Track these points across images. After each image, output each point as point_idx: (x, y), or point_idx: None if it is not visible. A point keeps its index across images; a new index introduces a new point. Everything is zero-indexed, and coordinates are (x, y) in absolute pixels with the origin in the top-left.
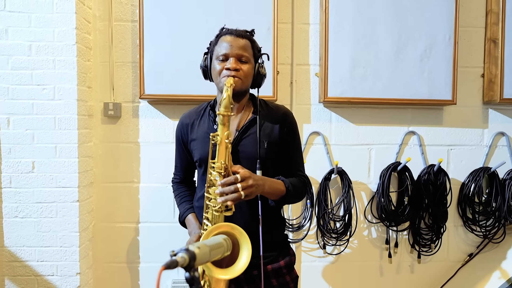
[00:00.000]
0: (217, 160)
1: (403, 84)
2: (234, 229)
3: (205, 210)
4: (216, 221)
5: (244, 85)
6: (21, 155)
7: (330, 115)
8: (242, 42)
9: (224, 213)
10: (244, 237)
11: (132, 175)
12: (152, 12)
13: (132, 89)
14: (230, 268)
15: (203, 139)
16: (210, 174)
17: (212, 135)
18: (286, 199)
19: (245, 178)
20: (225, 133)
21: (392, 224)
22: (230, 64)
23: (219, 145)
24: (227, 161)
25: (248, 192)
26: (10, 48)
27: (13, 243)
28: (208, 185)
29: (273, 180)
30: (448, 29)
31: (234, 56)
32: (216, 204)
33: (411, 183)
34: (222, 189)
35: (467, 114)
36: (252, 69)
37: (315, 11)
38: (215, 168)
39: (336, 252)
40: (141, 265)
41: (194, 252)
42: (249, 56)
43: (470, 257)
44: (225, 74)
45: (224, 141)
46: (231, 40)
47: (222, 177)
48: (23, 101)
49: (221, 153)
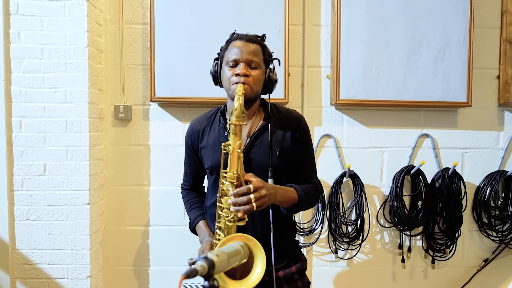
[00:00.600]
0: (229, 170)
1: (416, 86)
2: (249, 240)
3: (217, 220)
4: (229, 230)
5: (254, 91)
6: (32, 157)
7: (342, 118)
8: (252, 47)
9: (237, 223)
10: (259, 248)
11: (142, 177)
12: (163, 15)
13: (142, 91)
14: (244, 280)
15: (214, 146)
16: (222, 184)
17: (223, 145)
18: (299, 207)
19: (258, 188)
20: (237, 142)
21: (405, 228)
22: (239, 70)
23: (231, 154)
24: (239, 170)
25: (261, 202)
26: (23, 52)
27: (25, 245)
28: (220, 195)
29: (285, 188)
30: (462, 30)
31: (244, 62)
32: (228, 214)
33: (424, 187)
34: (234, 199)
35: (482, 116)
36: (263, 75)
37: (326, 12)
38: (227, 178)
39: (348, 256)
40: (151, 268)
41: (213, 260)
42: (259, 61)
43: (485, 263)
44: (234, 81)
45: (236, 150)
46: (241, 45)
47: (234, 187)
48: (35, 104)
49: (233, 162)
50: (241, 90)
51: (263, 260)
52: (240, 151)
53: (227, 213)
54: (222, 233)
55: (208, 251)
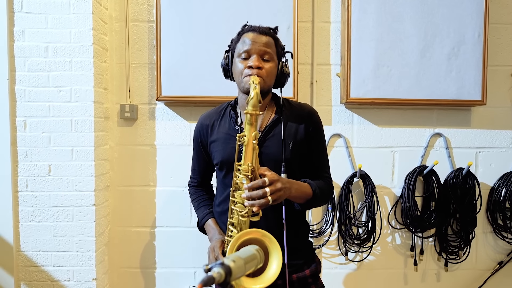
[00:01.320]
0: (243, 162)
1: (429, 84)
2: (265, 236)
3: (230, 215)
4: (242, 226)
5: (267, 84)
6: (37, 158)
7: (352, 117)
8: (265, 39)
9: (251, 218)
10: (274, 244)
11: (148, 178)
12: (169, 12)
13: (148, 90)
14: (260, 277)
15: (224, 140)
16: (236, 177)
17: (239, 136)
18: (313, 203)
19: (273, 181)
20: (252, 133)
21: (417, 230)
22: (252, 62)
23: (245, 146)
24: (254, 163)
25: (276, 196)
26: (27, 50)
27: (30, 247)
28: (234, 189)
29: (299, 183)
30: (477, 26)
31: (257, 54)
32: (242, 209)
33: (437, 187)
34: (249, 193)
35: (497, 115)
36: (275, 68)
37: (336, 9)
38: (242, 170)
39: (358, 259)
40: (157, 270)
41: (230, 266)
42: (272, 53)
43: (500, 265)
44: (247, 73)
45: (252, 142)
46: (253, 37)
47: (248, 180)
48: (40, 104)
49: (248, 154)
50: (257, 79)
51: (279, 257)
52: (256, 143)
53: (241, 208)
54: (235, 229)
55: (218, 250)
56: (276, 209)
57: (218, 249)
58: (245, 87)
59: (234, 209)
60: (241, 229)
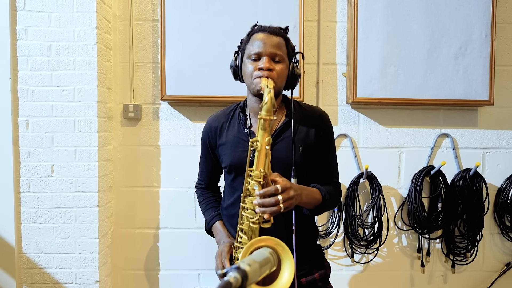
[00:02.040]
0: (255, 168)
1: (436, 84)
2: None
3: (240, 221)
4: (252, 233)
5: (277, 86)
6: (40, 158)
7: (358, 117)
8: (276, 40)
9: (262, 225)
10: (287, 254)
11: (152, 179)
12: (174, 11)
13: (152, 90)
14: (271, 286)
15: (233, 143)
16: (247, 183)
17: (251, 141)
18: (322, 208)
19: (285, 189)
20: (265, 139)
21: (424, 231)
22: (263, 64)
23: (258, 151)
24: (266, 169)
25: (288, 204)
26: (30, 49)
27: (32, 249)
28: (245, 195)
29: (310, 189)
30: (484, 25)
31: (267, 55)
32: (253, 216)
33: (444, 188)
34: (261, 200)
35: (504, 115)
36: (286, 69)
37: (342, 8)
38: (253, 176)
39: (365, 260)
40: (161, 272)
41: (246, 270)
42: (283, 55)
43: (507, 267)
44: (257, 75)
45: (265, 147)
46: (264, 37)
47: (260, 186)
48: (43, 103)
49: (260, 160)
50: (272, 83)
51: (292, 267)
52: (269, 148)
53: (252, 214)
54: (245, 236)
55: (226, 254)
56: (286, 215)
57: (226, 253)
58: (256, 88)
59: (244, 215)
60: (252, 235)
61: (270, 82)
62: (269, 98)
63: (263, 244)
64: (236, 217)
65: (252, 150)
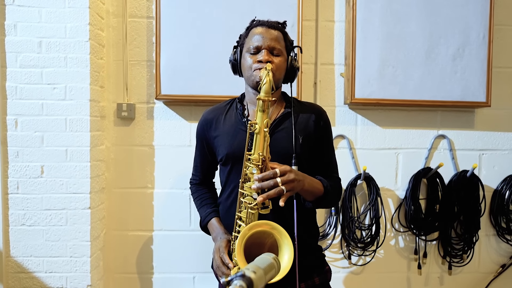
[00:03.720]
0: (254, 152)
1: (434, 85)
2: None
3: (238, 209)
4: (251, 220)
5: (276, 78)
6: (29, 158)
7: (356, 118)
8: (274, 34)
9: (260, 211)
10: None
11: (146, 180)
12: (169, 8)
13: (147, 89)
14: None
15: (230, 133)
16: (246, 167)
17: (250, 123)
18: (323, 200)
19: (285, 172)
20: (264, 121)
21: (421, 233)
22: (262, 57)
23: (257, 134)
24: (265, 152)
25: (290, 187)
26: (19, 45)
27: (20, 253)
28: (243, 180)
29: (312, 178)
30: (482, 27)
31: (266, 48)
32: (251, 201)
33: (441, 190)
34: (260, 184)
35: (500, 117)
36: (285, 62)
37: (340, 7)
38: (252, 160)
39: (362, 262)
40: (155, 276)
41: (251, 278)
42: (281, 48)
43: (503, 268)
44: (256, 67)
45: (263, 130)
46: (262, 31)
47: (259, 170)
48: (32, 101)
49: (259, 143)
50: (270, 65)
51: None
52: (267, 131)
53: (250, 200)
54: (243, 224)
55: (223, 249)
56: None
57: (223, 249)
58: (255, 80)
59: (243, 202)
60: (250, 223)
61: (268, 65)
62: (267, 79)
63: (259, 229)
64: (234, 208)
65: (251, 133)
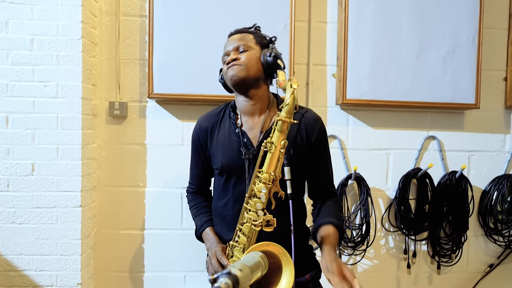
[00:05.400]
0: (265, 170)
1: (425, 87)
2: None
3: (241, 221)
4: (252, 235)
5: (248, 71)
6: (20, 156)
7: (347, 118)
8: (238, 36)
9: (264, 229)
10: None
11: (137, 178)
12: (162, 7)
13: (139, 87)
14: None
15: (225, 144)
16: (254, 184)
17: (265, 142)
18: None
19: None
20: (281, 141)
21: (411, 233)
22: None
23: (271, 153)
24: (277, 173)
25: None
26: (11, 42)
27: (10, 251)
28: (249, 195)
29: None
30: (472, 30)
31: (233, 50)
32: (256, 218)
33: (431, 190)
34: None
35: (489, 118)
36: (256, 55)
37: (333, 9)
38: (262, 178)
39: (352, 262)
40: (146, 274)
41: (237, 276)
42: (247, 44)
43: (491, 268)
44: (225, 68)
45: (279, 150)
46: (230, 39)
47: (268, 190)
48: (24, 99)
49: (272, 162)
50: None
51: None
52: (283, 152)
53: (254, 216)
54: (244, 236)
55: (221, 253)
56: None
57: (220, 252)
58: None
59: (246, 216)
60: (251, 237)
61: (295, 82)
62: (291, 99)
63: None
64: (228, 218)
65: (265, 151)
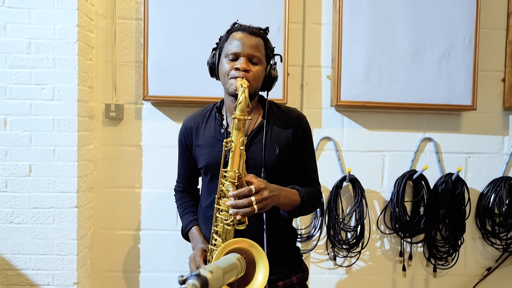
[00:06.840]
0: (229, 169)
1: (420, 88)
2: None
3: (215, 223)
4: (227, 235)
5: (253, 88)
6: (17, 157)
7: (342, 120)
8: (254, 41)
9: (236, 227)
10: (262, 255)
11: (133, 180)
12: (157, 10)
13: (135, 90)
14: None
15: (210, 144)
16: (222, 184)
17: (225, 141)
18: (301, 211)
19: (260, 189)
20: (240, 139)
21: (406, 235)
22: (239, 64)
23: (232, 152)
24: (241, 170)
25: (263, 205)
26: (8, 46)
27: (8, 250)
28: (219, 196)
29: (288, 190)
30: (468, 31)
31: (245, 56)
32: (227, 217)
33: (427, 192)
34: (234, 201)
35: (487, 120)
36: (263, 71)
37: (327, 10)
38: (228, 177)
39: (347, 264)
40: (142, 274)
41: (207, 278)
42: (261, 56)
43: (488, 272)
44: (233, 75)
45: (239, 148)
46: (242, 37)
47: (235, 187)
48: (21, 101)
49: (234, 161)
50: (246, 83)
51: (266, 268)
52: (243, 149)
53: (226, 216)
54: (219, 238)
55: (199, 258)
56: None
57: (199, 257)
58: (230, 89)
59: (219, 217)
60: (226, 237)
61: (244, 82)
62: (243, 97)
63: (237, 246)
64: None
65: (227, 150)
